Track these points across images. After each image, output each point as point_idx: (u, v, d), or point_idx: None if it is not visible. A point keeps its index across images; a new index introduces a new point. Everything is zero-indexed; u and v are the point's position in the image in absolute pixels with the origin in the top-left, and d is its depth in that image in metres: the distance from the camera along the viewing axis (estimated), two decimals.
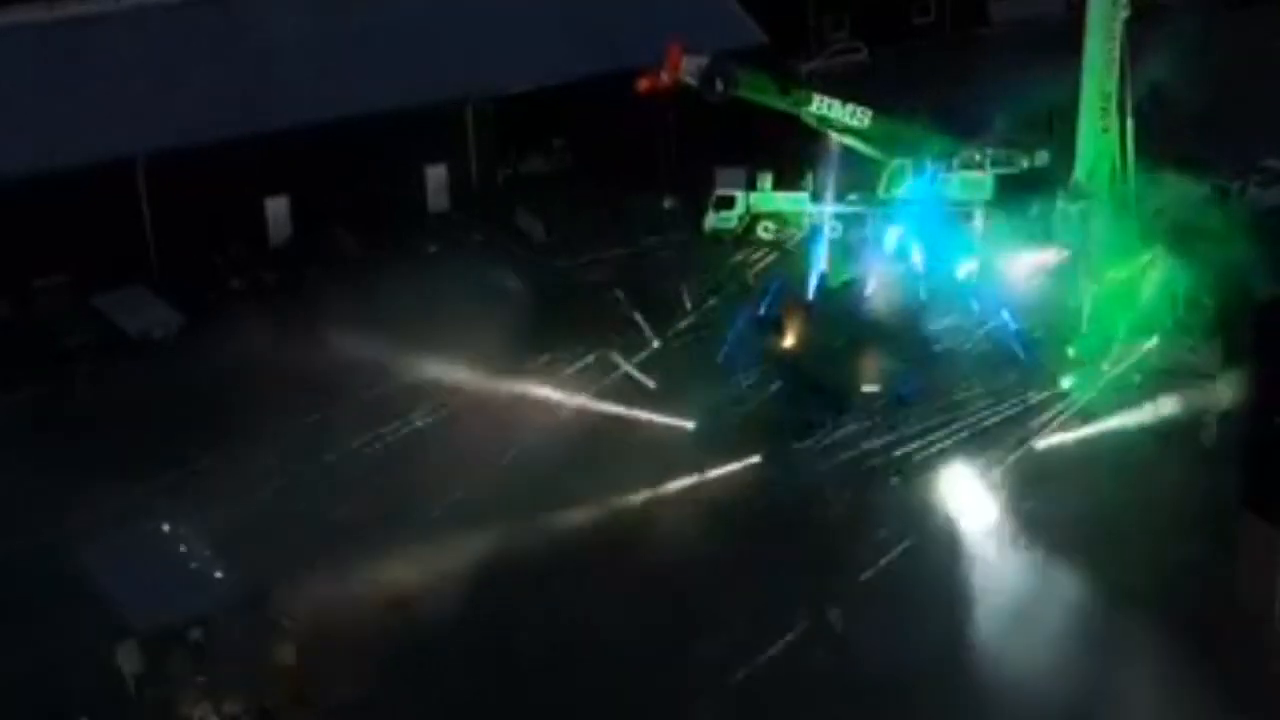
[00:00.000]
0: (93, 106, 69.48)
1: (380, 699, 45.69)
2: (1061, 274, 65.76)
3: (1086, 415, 57.64)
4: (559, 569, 50.04)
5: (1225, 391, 56.04)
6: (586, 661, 46.75)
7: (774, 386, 59.44)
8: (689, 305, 65.27)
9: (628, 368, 60.53)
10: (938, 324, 62.62)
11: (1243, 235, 63.93)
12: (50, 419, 60.17)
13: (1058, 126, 70.64)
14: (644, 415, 57.77)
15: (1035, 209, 69.37)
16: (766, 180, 72.66)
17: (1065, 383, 59.24)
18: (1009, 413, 57.81)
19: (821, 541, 51.90)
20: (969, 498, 53.93)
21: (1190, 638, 47.23)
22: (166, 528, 49.35)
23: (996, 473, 54.88)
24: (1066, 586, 49.71)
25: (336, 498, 53.80)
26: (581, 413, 58.39)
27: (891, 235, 68.24)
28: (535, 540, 51.11)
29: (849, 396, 58.57)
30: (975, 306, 63.72)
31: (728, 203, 72.44)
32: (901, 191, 71.41)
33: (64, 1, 73.85)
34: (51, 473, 55.65)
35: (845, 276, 67.12)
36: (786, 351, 62.21)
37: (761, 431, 56.83)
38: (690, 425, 57.05)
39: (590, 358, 61.44)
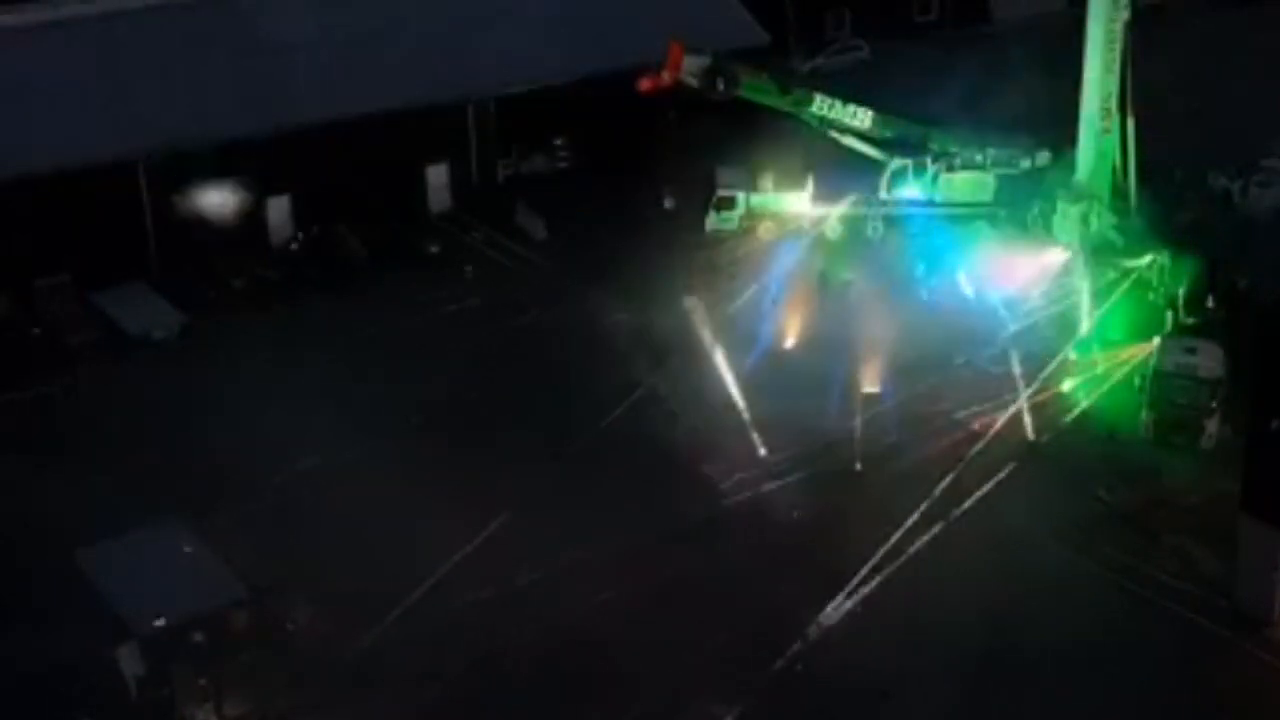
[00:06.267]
0: (94, 106, 69.41)
1: None
2: (1062, 276, 65.84)
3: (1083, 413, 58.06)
4: None
5: (1225, 393, 56.19)
6: None
7: None
8: None
9: None
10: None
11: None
12: (52, 418, 60.19)
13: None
14: None
15: (1036, 209, 69.42)
16: (767, 181, 72.61)
17: (1065, 385, 59.26)
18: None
19: None
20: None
21: (1189, 638, 47.49)
22: (168, 529, 49.49)
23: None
24: (1065, 582, 49.95)
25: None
26: None
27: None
28: None
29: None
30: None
31: (729, 203, 72.42)
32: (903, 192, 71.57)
33: (66, 2, 73.81)
34: (52, 473, 55.79)
35: (844, 276, 67.40)
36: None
37: None
38: None
39: None
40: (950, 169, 71.38)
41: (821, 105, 70.79)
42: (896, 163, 71.54)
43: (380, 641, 47.47)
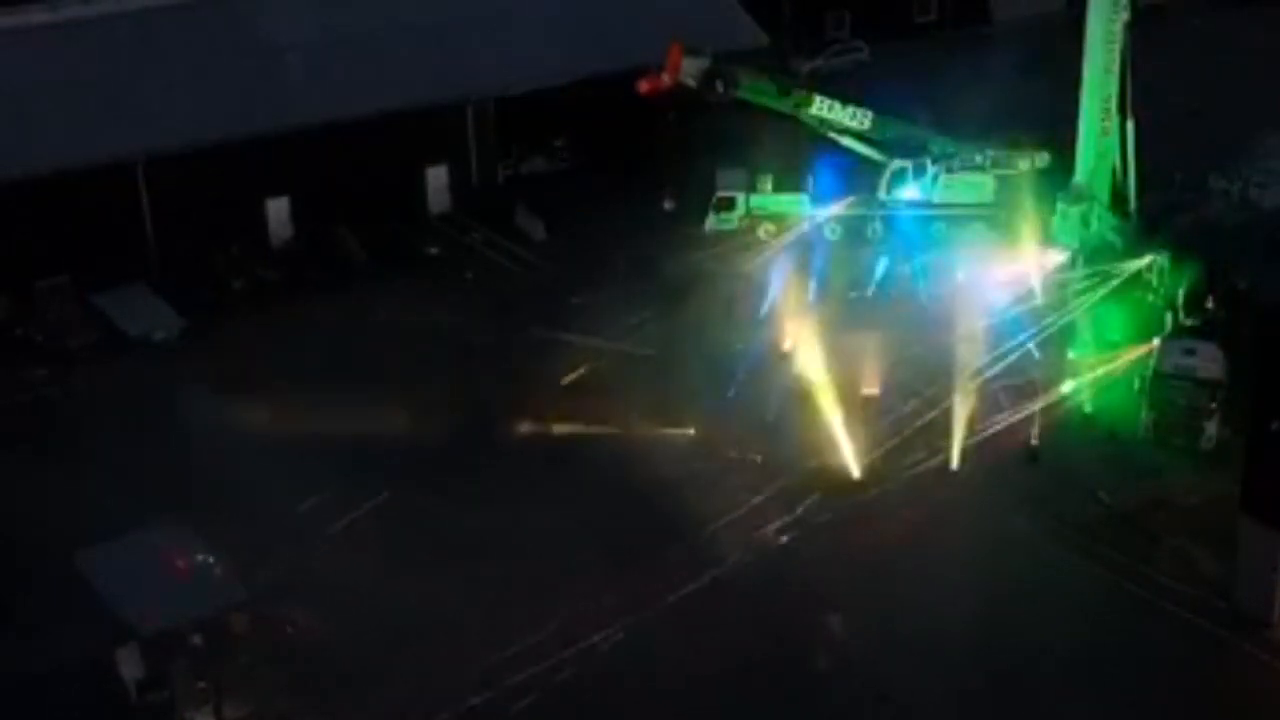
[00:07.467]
0: (94, 107, 69.44)
1: None
2: (1061, 277, 65.80)
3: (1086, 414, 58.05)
4: None
5: (1225, 395, 56.17)
6: None
7: None
8: None
9: None
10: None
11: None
12: (52, 419, 60.17)
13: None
14: None
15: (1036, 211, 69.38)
16: (767, 182, 72.63)
17: (1065, 387, 59.23)
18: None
19: None
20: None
21: (1189, 639, 47.48)
22: (168, 531, 49.45)
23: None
24: (1065, 583, 49.98)
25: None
26: None
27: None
28: None
29: None
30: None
31: (728, 204, 72.45)
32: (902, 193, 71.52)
33: (66, 3, 73.82)
34: (52, 474, 55.77)
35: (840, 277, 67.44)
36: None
37: None
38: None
39: None
40: (950, 170, 71.37)
41: (821, 106, 70.82)
42: (896, 164, 71.51)
43: (378, 644, 47.56)
